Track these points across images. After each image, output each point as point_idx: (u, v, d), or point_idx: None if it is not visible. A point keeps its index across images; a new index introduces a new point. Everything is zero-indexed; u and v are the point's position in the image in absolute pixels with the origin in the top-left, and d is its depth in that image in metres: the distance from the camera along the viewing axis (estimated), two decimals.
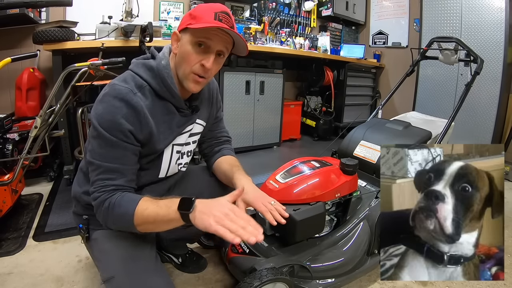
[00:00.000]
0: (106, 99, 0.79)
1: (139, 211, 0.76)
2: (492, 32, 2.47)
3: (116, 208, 0.77)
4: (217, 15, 0.80)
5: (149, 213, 0.75)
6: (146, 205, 0.76)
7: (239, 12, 3.24)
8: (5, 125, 1.76)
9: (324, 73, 3.44)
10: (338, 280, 1.10)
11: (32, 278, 1.17)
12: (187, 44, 0.82)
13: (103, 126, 0.77)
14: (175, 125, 0.91)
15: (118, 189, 0.80)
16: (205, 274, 1.25)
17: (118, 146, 0.79)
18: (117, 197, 0.78)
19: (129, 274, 0.83)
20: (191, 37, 0.81)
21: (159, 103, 0.86)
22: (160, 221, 0.76)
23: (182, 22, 0.84)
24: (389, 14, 3.70)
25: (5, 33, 2.18)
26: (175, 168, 0.99)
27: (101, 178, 0.80)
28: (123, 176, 0.81)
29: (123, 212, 0.77)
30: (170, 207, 0.73)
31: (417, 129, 1.54)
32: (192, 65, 0.83)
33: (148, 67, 0.85)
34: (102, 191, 0.79)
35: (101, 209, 0.79)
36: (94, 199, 0.80)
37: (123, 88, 0.80)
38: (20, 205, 1.71)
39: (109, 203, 0.78)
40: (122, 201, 0.78)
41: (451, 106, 2.50)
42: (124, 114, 0.78)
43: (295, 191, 1.07)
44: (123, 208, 0.77)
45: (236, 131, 2.84)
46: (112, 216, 0.78)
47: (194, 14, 0.81)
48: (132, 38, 2.10)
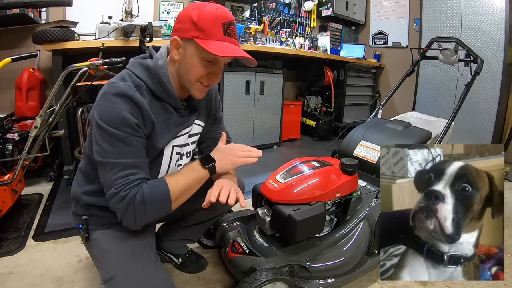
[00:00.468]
0: (106, 97, 0.77)
1: (172, 186, 0.81)
2: (492, 32, 2.47)
3: (151, 195, 0.78)
4: (226, 29, 0.78)
5: (183, 185, 0.83)
6: (174, 179, 0.83)
7: (239, 12, 3.24)
8: (5, 125, 1.76)
9: (324, 73, 3.44)
10: (338, 280, 1.10)
11: (32, 278, 1.17)
12: (193, 57, 0.80)
13: (109, 124, 0.75)
14: (173, 124, 0.90)
15: (143, 182, 0.79)
16: (205, 274, 1.25)
17: (131, 141, 0.78)
18: (145, 187, 0.78)
19: (129, 274, 0.83)
20: (198, 52, 0.79)
21: (156, 102, 0.85)
22: (193, 185, 0.87)
23: (184, 29, 0.79)
24: (389, 14, 3.70)
25: (5, 33, 2.18)
26: (175, 169, 0.99)
27: (122, 176, 0.76)
28: (143, 169, 0.81)
29: (159, 195, 0.80)
30: (196, 170, 0.87)
31: (417, 129, 1.54)
32: (200, 77, 0.83)
33: (145, 66, 0.84)
34: (128, 188, 0.76)
35: (132, 205, 0.76)
36: (120, 199, 0.76)
37: (123, 85, 0.79)
38: (20, 205, 1.71)
39: (141, 196, 0.77)
40: (151, 188, 0.79)
41: (451, 106, 2.50)
42: (128, 109, 0.77)
43: (295, 191, 1.07)
44: (157, 193, 0.79)
45: (236, 131, 2.84)
46: (149, 205, 0.78)
47: (200, 26, 0.76)
48: (132, 38, 2.10)
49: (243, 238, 1.16)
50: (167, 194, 0.80)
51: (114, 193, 0.76)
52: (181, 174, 0.87)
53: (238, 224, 1.27)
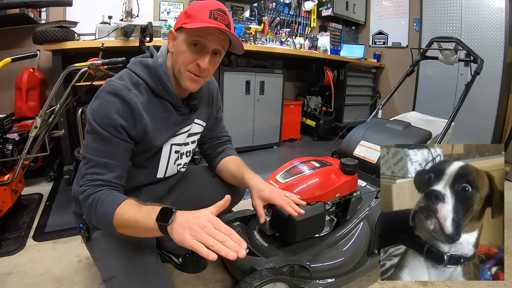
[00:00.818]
0: (101, 95, 0.81)
1: (119, 213, 0.72)
2: (492, 32, 2.47)
3: (99, 205, 0.75)
4: (213, 13, 0.80)
5: (128, 217, 0.71)
6: (128, 208, 0.72)
7: (239, 12, 3.24)
8: (5, 125, 1.76)
9: (324, 73, 3.44)
10: (338, 280, 1.10)
11: (32, 278, 1.17)
12: (182, 43, 0.82)
13: (96, 121, 0.79)
14: (172, 123, 0.91)
15: (106, 185, 0.79)
16: (205, 274, 1.25)
17: (111, 141, 0.80)
18: (102, 194, 0.77)
19: (129, 274, 0.83)
20: (186, 37, 0.81)
21: (156, 100, 0.87)
22: (139, 228, 0.71)
23: (178, 21, 0.84)
24: (389, 14, 3.70)
25: (5, 33, 2.17)
26: (174, 168, 0.99)
27: (90, 173, 0.80)
28: (112, 171, 0.81)
29: (104, 210, 0.74)
30: (150, 216, 0.67)
31: (417, 129, 1.54)
32: (187, 64, 0.83)
33: (145, 65, 0.86)
34: (89, 185, 0.78)
35: (85, 203, 0.78)
36: (81, 192, 0.80)
37: (118, 84, 0.81)
38: (20, 205, 1.71)
39: (93, 199, 0.77)
40: (106, 199, 0.76)
41: (451, 106, 2.50)
42: (118, 110, 0.79)
43: (295, 191, 1.06)
44: (105, 207, 0.75)
45: (236, 131, 2.83)
46: (95, 213, 0.76)
47: (189, 13, 0.81)
48: (132, 38, 2.10)
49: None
50: (111, 216, 0.73)
51: (80, 185, 0.80)
52: (139, 208, 0.72)
53: (238, 224, 1.26)
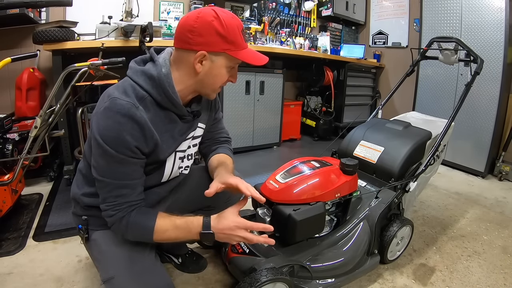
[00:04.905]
0: (109, 115, 0.75)
1: (158, 231, 0.82)
2: (492, 32, 2.47)
3: (135, 226, 0.81)
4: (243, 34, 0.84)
5: (169, 236, 0.83)
6: (165, 225, 0.82)
7: (239, 12, 3.24)
8: (5, 125, 1.76)
9: (324, 73, 3.44)
10: (338, 280, 1.10)
11: (32, 278, 1.17)
12: (221, 68, 0.83)
13: (108, 144, 0.75)
14: (178, 134, 0.90)
15: (132, 205, 0.82)
16: (205, 274, 1.25)
17: (128, 162, 0.78)
18: (132, 216, 0.81)
19: (129, 274, 0.83)
20: (227, 62, 0.83)
21: (161, 113, 0.84)
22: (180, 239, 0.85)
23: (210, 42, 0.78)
24: (389, 14, 3.69)
25: (5, 33, 2.18)
26: (177, 172, 0.99)
27: (113, 196, 0.80)
28: (134, 190, 0.82)
29: (142, 231, 0.82)
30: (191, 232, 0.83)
31: (417, 129, 1.54)
32: (223, 83, 0.89)
33: (149, 75, 0.81)
34: (116, 210, 0.80)
35: (118, 225, 0.82)
36: (108, 216, 0.81)
37: (125, 102, 0.75)
38: (20, 205, 1.71)
39: (126, 222, 0.81)
40: (139, 219, 0.82)
41: (451, 106, 2.50)
42: (129, 131, 0.75)
43: (295, 191, 1.07)
44: (141, 227, 0.82)
45: (236, 131, 2.84)
46: (132, 232, 0.82)
47: (230, 39, 0.79)
48: (132, 38, 2.10)
49: None
50: (150, 236, 0.82)
51: (105, 209, 0.82)
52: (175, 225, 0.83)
53: None
